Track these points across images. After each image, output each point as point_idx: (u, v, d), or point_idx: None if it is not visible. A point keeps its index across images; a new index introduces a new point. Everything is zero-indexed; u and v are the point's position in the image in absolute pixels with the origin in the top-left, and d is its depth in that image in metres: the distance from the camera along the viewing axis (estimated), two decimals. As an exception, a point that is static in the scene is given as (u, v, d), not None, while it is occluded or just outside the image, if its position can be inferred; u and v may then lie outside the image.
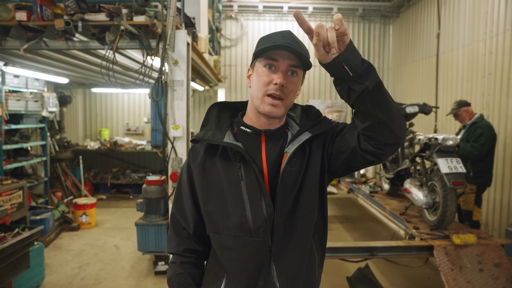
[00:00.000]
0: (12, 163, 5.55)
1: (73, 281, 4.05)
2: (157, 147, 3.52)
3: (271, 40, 1.14)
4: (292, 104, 1.24)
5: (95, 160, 8.62)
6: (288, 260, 1.18)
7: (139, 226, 3.60)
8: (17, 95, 5.65)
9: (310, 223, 1.21)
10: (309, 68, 1.18)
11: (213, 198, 1.20)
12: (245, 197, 1.16)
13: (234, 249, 1.17)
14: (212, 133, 1.22)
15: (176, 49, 3.28)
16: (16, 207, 4.15)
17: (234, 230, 1.17)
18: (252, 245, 1.16)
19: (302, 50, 1.15)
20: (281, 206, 1.16)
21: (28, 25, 3.32)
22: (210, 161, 1.22)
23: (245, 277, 1.17)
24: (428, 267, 4.11)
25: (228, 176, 1.18)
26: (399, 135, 1.08)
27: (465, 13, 5.48)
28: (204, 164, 1.22)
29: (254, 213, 1.15)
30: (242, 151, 1.16)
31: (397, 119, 1.06)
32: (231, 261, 1.19)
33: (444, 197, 3.32)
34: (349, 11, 8.54)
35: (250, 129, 1.23)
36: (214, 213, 1.20)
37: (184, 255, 1.29)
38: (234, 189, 1.17)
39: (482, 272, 2.90)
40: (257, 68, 1.18)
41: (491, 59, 4.84)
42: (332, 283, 3.86)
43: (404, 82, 7.80)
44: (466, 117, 4.23)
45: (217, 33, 7.42)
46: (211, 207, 1.20)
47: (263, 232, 1.15)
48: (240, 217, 1.16)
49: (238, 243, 1.17)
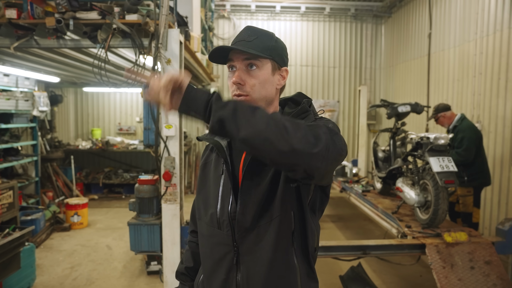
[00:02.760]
0: (2, 163, 5.48)
1: (64, 282, 4.01)
2: (150, 146, 3.50)
3: (232, 43, 1.22)
4: (268, 97, 1.19)
5: (86, 160, 8.54)
6: (253, 263, 1.16)
7: (131, 225, 3.57)
8: (7, 94, 5.57)
9: (279, 230, 1.15)
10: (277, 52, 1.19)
11: (203, 189, 1.30)
12: (220, 191, 1.23)
13: (206, 237, 1.27)
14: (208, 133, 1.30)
15: (168, 48, 3.26)
16: (6, 207, 4.09)
17: (208, 219, 1.25)
18: (218, 236, 1.22)
19: (254, 42, 1.15)
20: (244, 204, 1.16)
21: (19, 23, 3.27)
22: (210, 156, 1.33)
23: (209, 264, 1.25)
24: (420, 265, 4.15)
25: (215, 170, 1.27)
26: (288, 162, 0.99)
27: (456, 13, 5.53)
28: (206, 158, 1.34)
29: (222, 206, 1.21)
30: (220, 149, 1.22)
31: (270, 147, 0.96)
32: (203, 247, 1.30)
33: (436, 196, 3.35)
34: (341, 11, 8.57)
35: None
36: (199, 202, 1.31)
37: (191, 235, 1.47)
38: (216, 182, 1.25)
39: (473, 270, 2.94)
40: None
41: (481, 59, 4.90)
42: (325, 282, 3.88)
43: (396, 82, 7.86)
44: (445, 122, 4.22)
45: (209, 33, 7.40)
46: (200, 196, 1.32)
47: (226, 226, 1.20)
48: (213, 208, 1.23)
49: (208, 231, 1.25)
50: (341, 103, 8.82)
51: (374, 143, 5.16)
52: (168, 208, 3.34)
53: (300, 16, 8.62)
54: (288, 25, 8.65)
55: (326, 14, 8.57)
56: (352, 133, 8.83)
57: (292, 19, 8.63)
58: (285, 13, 8.58)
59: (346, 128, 8.85)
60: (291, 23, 8.64)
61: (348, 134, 8.86)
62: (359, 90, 8.57)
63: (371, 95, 8.74)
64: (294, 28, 8.64)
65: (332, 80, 8.79)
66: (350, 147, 8.88)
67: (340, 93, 8.82)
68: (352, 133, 8.84)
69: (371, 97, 8.72)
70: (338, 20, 8.70)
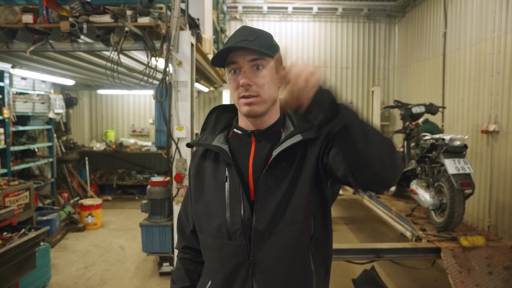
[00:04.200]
0: (20, 164, 5.59)
1: (78, 282, 4.07)
2: (162, 148, 3.53)
3: (226, 45, 1.13)
4: (275, 97, 1.17)
5: (101, 161, 8.66)
6: (271, 271, 1.12)
7: (143, 227, 3.60)
8: (24, 97, 5.70)
9: (300, 234, 1.12)
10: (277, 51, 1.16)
11: (201, 199, 1.22)
12: (227, 199, 1.15)
13: (213, 250, 1.18)
14: (205, 137, 1.25)
15: (180, 50, 3.28)
16: (23, 207, 4.18)
17: (214, 231, 1.17)
18: (229, 248, 1.14)
19: (257, 41, 1.11)
20: (260, 210, 1.11)
21: (34, 27, 3.35)
22: (204, 163, 1.25)
23: (220, 279, 1.16)
24: (435, 269, 4.06)
25: (215, 177, 1.19)
26: (386, 176, 0.98)
27: (472, 11, 5.41)
28: (198, 166, 1.27)
29: (232, 215, 1.13)
30: (224, 153, 1.16)
31: (378, 161, 0.95)
32: (210, 260, 1.22)
33: (452, 198, 3.27)
34: (354, 11, 8.49)
35: (240, 131, 1.22)
36: (199, 213, 1.22)
37: (183, 251, 1.36)
38: (219, 190, 1.17)
39: (491, 275, 2.85)
40: (227, 76, 1.18)
41: (499, 58, 4.77)
42: (337, 285, 3.83)
43: (410, 82, 7.74)
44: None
45: (221, 34, 7.42)
46: (198, 207, 1.23)
47: (240, 236, 1.12)
48: (220, 218, 1.15)
49: (216, 244, 1.17)
50: (354, 104, 8.69)
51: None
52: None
53: (312, 17, 8.57)
54: (300, 26, 8.61)
55: (338, 15, 8.50)
56: (366, 135, 8.71)
57: (304, 20, 8.59)
58: (297, 14, 8.55)
59: (359, 129, 8.74)
60: (303, 24, 8.60)
61: (361, 136, 8.75)
62: (372, 91, 8.48)
63: (384, 96, 8.62)
64: (306, 29, 8.60)
65: (345, 81, 8.71)
66: (363, 149, 8.77)
67: (353, 94, 8.73)
68: (365, 135, 8.73)
69: (384, 98, 8.61)
70: (350, 20, 8.62)
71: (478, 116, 5.16)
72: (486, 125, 4.90)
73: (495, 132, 4.75)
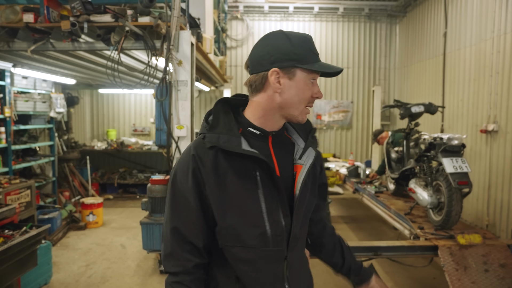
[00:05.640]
0: (21, 163, 5.63)
1: (80, 279, 4.10)
2: (162, 147, 3.55)
3: (312, 50, 1.14)
4: None
5: (102, 160, 8.70)
6: (295, 265, 1.22)
7: (144, 225, 3.63)
8: (26, 96, 5.74)
9: (306, 231, 1.32)
10: None
11: (231, 210, 1.12)
12: (263, 207, 1.12)
13: (251, 261, 1.14)
14: (226, 137, 1.12)
15: (180, 50, 3.31)
16: (24, 206, 4.22)
17: (254, 242, 1.13)
18: (270, 256, 1.15)
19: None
20: (298, 216, 1.18)
21: (35, 26, 3.38)
22: (220, 168, 1.12)
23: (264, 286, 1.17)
24: (434, 267, 4.08)
25: (244, 184, 1.12)
26: None
27: (473, 11, 5.42)
28: (216, 172, 1.12)
29: (272, 223, 1.13)
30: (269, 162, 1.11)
31: None
32: (248, 272, 1.15)
33: (449, 197, 3.29)
34: (355, 11, 8.51)
35: (258, 131, 1.17)
36: (233, 226, 1.12)
37: (194, 271, 1.15)
38: (253, 198, 1.12)
39: (487, 273, 2.87)
40: (298, 78, 1.12)
41: (498, 58, 4.78)
42: (336, 282, 3.85)
43: (411, 82, 7.75)
44: (383, 141, 5.47)
45: (222, 34, 7.45)
46: (230, 219, 1.12)
47: (280, 242, 1.15)
48: (260, 227, 1.12)
49: (256, 254, 1.14)
50: (354, 104, 8.75)
51: (387, 143, 5.10)
52: (179, 207, 3.37)
53: (313, 17, 8.59)
54: (301, 26, 8.63)
55: (339, 14, 8.52)
56: (366, 134, 8.74)
57: (306, 19, 8.61)
58: (298, 14, 8.56)
59: (360, 129, 8.77)
60: (304, 24, 8.62)
61: (362, 135, 8.78)
62: (373, 91, 8.49)
63: (385, 96, 8.63)
64: (307, 29, 8.61)
65: (345, 80, 8.72)
66: (363, 148, 8.80)
67: (354, 94, 8.75)
68: (366, 134, 8.76)
69: (385, 97, 8.62)
70: (351, 20, 8.63)
71: (478, 115, 5.17)
72: (485, 124, 4.91)
73: (494, 132, 4.76)
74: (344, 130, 8.79)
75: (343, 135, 8.80)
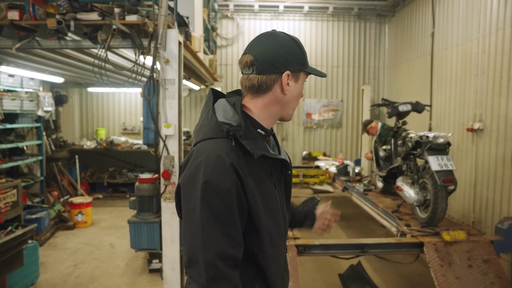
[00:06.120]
0: (8, 163, 5.56)
1: (68, 279, 4.07)
2: (150, 146, 3.54)
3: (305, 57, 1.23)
4: None
5: (91, 159, 8.63)
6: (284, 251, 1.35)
7: (132, 223, 3.61)
8: (12, 94, 5.66)
9: None
10: None
11: (267, 212, 1.14)
12: (280, 206, 1.24)
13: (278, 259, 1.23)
14: (260, 143, 1.13)
15: (167, 48, 3.29)
16: (10, 205, 4.17)
17: (278, 238, 1.21)
18: (282, 249, 1.26)
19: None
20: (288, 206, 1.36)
21: (21, 24, 3.33)
22: (256, 174, 1.13)
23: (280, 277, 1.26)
24: (421, 264, 4.14)
25: (268, 187, 1.17)
26: None
27: (459, 12, 5.50)
28: (253, 174, 1.11)
29: (283, 217, 1.25)
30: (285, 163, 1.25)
31: None
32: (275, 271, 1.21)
33: (435, 195, 3.34)
34: (344, 10, 8.56)
35: (263, 131, 1.21)
36: (270, 229, 1.14)
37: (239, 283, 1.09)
38: (275, 199, 1.19)
39: (471, 268, 2.93)
40: (300, 81, 1.22)
41: (484, 58, 4.86)
42: (324, 280, 3.89)
43: (400, 81, 7.83)
44: (373, 131, 5.48)
45: (212, 33, 7.43)
46: (270, 223, 1.14)
47: (285, 234, 1.29)
48: (280, 224, 1.22)
49: (279, 250, 1.24)
50: (344, 103, 8.81)
51: (375, 142, 5.15)
52: (167, 206, 3.37)
53: (303, 16, 8.62)
54: (292, 25, 8.66)
55: (329, 14, 8.56)
56: (356, 132, 8.81)
57: (296, 18, 8.64)
58: (288, 13, 8.59)
59: (349, 127, 8.84)
60: (295, 23, 8.65)
61: (352, 133, 8.85)
62: (362, 90, 8.56)
63: (374, 95, 8.71)
64: (297, 28, 8.64)
65: (335, 79, 8.77)
66: (353, 147, 8.87)
67: (344, 93, 8.81)
68: (356, 132, 8.83)
69: (374, 96, 8.69)
70: (341, 19, 8.69)
71: (464, 114, 5.25)
72: (471, 123, 5.00)
73: (480, 130, 4.85)
74: (334, 128, 8.84)
75: (333, 133, 8.86)
